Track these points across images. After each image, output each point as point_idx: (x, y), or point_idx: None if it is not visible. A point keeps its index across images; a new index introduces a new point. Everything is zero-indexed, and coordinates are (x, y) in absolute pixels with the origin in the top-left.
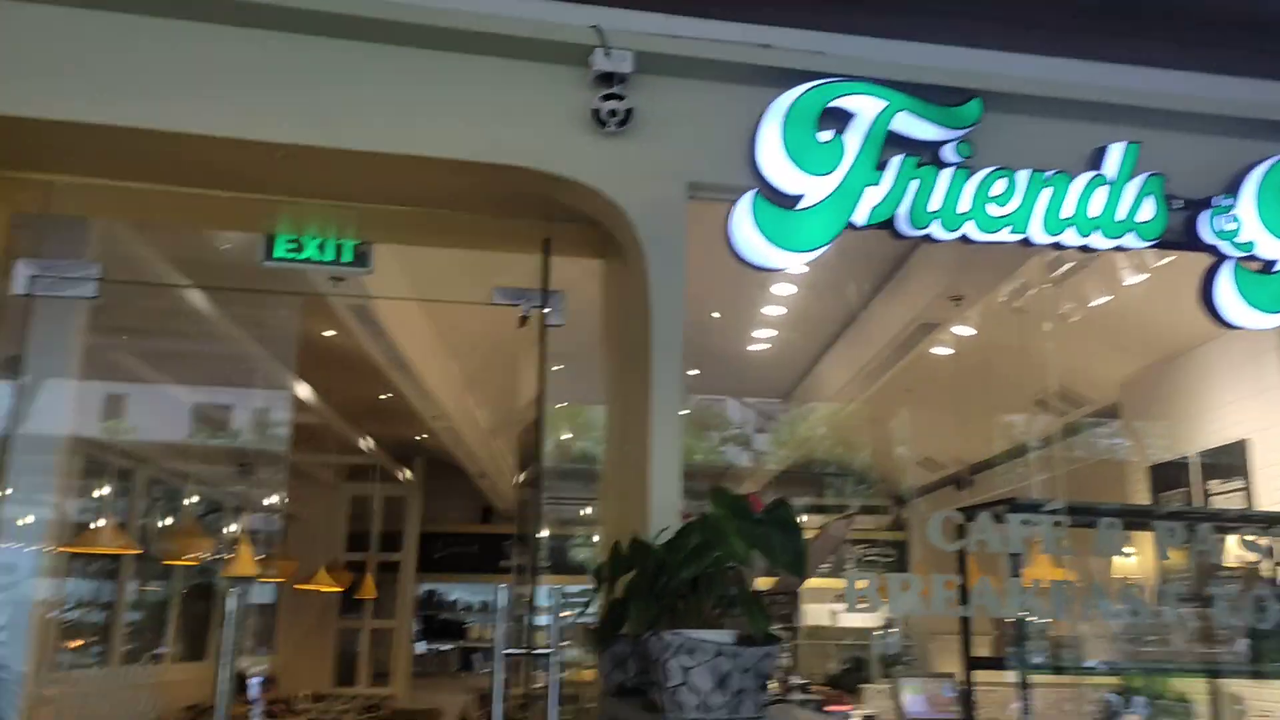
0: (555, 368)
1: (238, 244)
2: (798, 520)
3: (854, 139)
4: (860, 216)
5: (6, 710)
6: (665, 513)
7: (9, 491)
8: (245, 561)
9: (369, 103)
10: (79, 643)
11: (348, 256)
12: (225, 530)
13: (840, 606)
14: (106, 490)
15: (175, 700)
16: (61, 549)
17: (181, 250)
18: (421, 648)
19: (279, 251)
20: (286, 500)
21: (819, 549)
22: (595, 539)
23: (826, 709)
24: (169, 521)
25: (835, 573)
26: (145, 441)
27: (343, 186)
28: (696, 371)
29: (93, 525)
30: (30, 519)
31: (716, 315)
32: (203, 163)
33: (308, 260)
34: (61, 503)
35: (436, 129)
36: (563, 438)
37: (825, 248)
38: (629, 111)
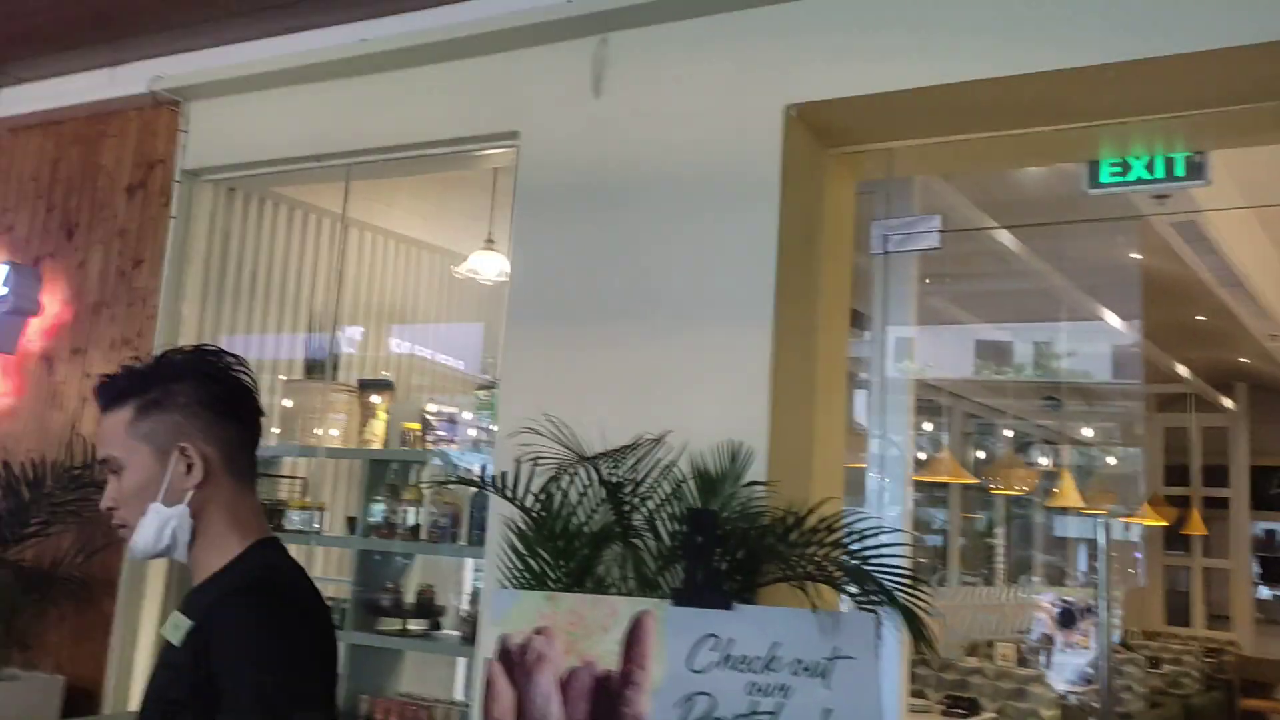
0: None
1: (1049, 176)
2: None
3: None
4: None
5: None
6: None
7: (883, 430)
8: (1069, 493)
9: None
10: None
11: (1179, 171)
12: (1040, 461)
13: None
14: (931, 426)
15: (1006, 622)
16: (914, 478)
17: (983, 192)
18: (1264, 593)
19: (1104, 177)
20: (1101, 433)
21: None
22: None
23: None
24: (982, 454)
25: None
26: (961, 379)
27: (1168, 96)
28: None
29: (923, 457)
30: (894, 452)
31: None
32: (1020, 102)
33: (1136, 181)
34: (909, 438)
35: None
36: None
37: None
38: None
